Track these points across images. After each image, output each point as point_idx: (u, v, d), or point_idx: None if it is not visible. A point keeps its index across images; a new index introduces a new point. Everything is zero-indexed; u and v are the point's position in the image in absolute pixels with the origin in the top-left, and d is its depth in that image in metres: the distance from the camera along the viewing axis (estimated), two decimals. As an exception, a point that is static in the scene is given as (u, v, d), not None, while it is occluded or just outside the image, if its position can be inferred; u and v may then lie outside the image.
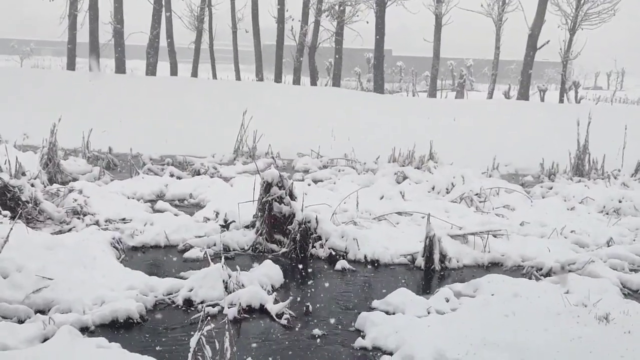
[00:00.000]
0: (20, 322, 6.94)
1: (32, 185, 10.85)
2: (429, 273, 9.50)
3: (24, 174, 11.17)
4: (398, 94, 40.34)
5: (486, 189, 13.91)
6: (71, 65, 32.81)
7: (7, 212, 9.81)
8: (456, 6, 34.63)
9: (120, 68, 32.33)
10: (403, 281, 9.07)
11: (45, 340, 6.44)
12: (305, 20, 33.92)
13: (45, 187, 12.03)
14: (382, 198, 13.50)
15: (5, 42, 72.62)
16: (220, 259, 8.25)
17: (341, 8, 33.73)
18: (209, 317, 7.31)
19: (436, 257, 9.61)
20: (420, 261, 9.66)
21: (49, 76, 28.11)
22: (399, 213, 12.00)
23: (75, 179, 13.83)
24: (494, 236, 10.61)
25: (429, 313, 7.68)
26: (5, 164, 11.14)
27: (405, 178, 15.19)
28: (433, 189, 14.47)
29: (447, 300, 8.06)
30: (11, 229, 6.39)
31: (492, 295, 8.14)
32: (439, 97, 37.53)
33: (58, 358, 5.90)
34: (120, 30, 32.01)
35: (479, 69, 57.96)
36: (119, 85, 26.16)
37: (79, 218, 10.81)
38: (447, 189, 14.35)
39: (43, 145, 13.92)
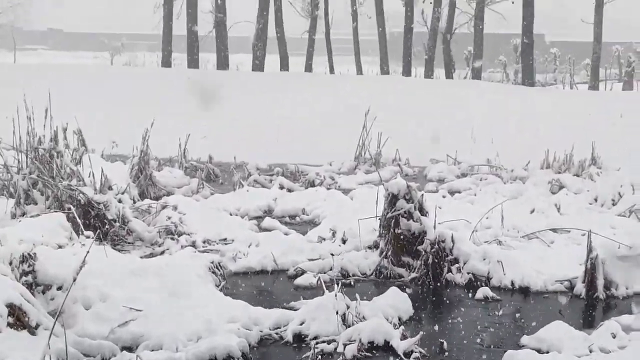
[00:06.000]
0: (105, 361, 7.03)
1: (120, 201, 11.05)
2: (590, 303, 9.22)
3: (110, 188, 11.39)
4: (552, 87, 39.70)
5: (662, 200, 13.47)
6: (167, 62, 33.52)
7: (90, 233, 9.98)
8: (621, -21, 33.90)
9: (223, 63, 32.83)
10: (559, 312, 8.83)
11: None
12: (438, 2, 33.76)
13: (134, 202, 12.23)
14: (533, 212, 13.22)
15: (94, 36, 74.97)
16: (337, 286, 8.18)
17: (481, -14, 33.47)
18: (323, 355, 7.24)
19: (600, 283, 9.31)
20: (580, 288, 9.38)
21: (141, 74, 28.83)
22: (554, 230, 11.73)
23: (170, 193, 14.02)
24: (672, 257, 10.21)
25: (591, 352, 7.44)
26: (89, 176, 11.37)
27: (561, 187, 14.86)
28: (596, 200, 14.09)
29: (614, 336, 7.77)
30: (88, 251, 6.42)
31: (671, 330, 7.84)
32: (602, 90, 36.72)
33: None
34: (222, 20, 32.51)
35: (651, 54, 56.53)
36: (221, 84, 26.52)
37: (172, 239, 10.93)
38: (613, 201, 13.93)
39: (133, 154, 14.17)
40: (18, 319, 7.09)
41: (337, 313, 7.83)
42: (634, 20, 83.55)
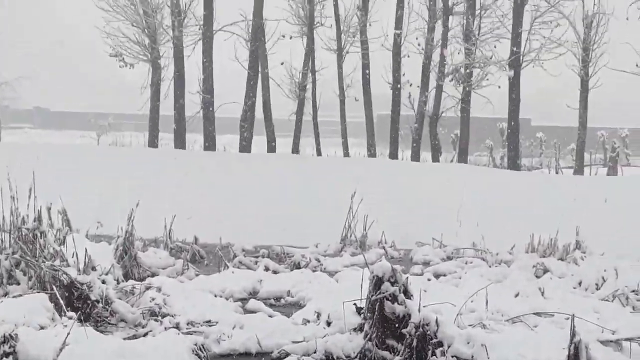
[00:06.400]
0: None
1: (104, 282, 11.04)
2: (575, 388, 9.20)
3: (94, 268, 11.39)
4: (538, 171, 39.93)
5: (645, 285, 13.53)
6: (153, 142, 33.62)
7: (73, 314, 9.96)
8: (605, 66, 34.21)
9: (210, 144, 32.92)
10: (543, 398, 8.81)
11: None
12: (425, 85, 34.10)
13: (118, 283, 12.22)
14: (517, 296, 13.25)
15: (81, 116, 75.20)
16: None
17: (468, 71, 33.79)
18: None
19: (584, 367, 9.32)
20: (564, 373, 9.38)
21: (128, 154, 28.88)
22: (538, 314, 11.75)
23: (154, 274, 14.02)
24: (656, 343, 10.25)
25: None
26: (73, 257, 11.38)
27: (545, 271, 14.91)
28: (580, 284, 14.15)
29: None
30: (68, 333, 6.45)
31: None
32: (587, 174, 36.95)
33: None
34: (209, 100, 32.67)
35: (636, 139, 56.95)
36: (208, 164, 26.64)
37: (156, 320, 10.91)
38: (596, 285, 14.00)
39: (118, 234, 14.18)
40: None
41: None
42: (619, 106, 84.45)
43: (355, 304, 10.68)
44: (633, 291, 13.25)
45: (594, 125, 43.03)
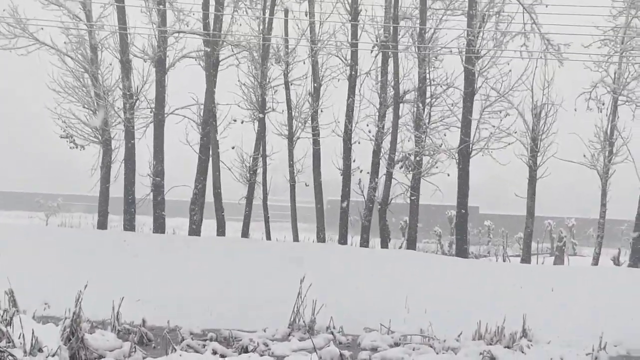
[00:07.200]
0: None
1: (50, 364, 10.97)
2: None
3: (41, 350, 11.32)
4: (485, 259, 40.16)
5: (591, 374, 13.65)
6: (102, 224, 33.48)
7: (19, 395, 9.90)
8: (553, 156, 34.67)
9: (160, 227, 32.86)
10: None
11: None
12: (375, 172, 34.34)
13: (65, 365, 12.13)
14: (464, 383, 13.33)
15: (29, 196, 74.57)
16: None
17: (417, 159, 34.11)
18: None
19: None
20: None
21: (76, 236, 28.72)
22: (485, 402, 11.82)
23: (101, 357, 13.96)
24: None
25: None
26: (19, 338, 11.30)
27: (492, 359, 15.01)
28: (526, 372, 14.26)
29: None
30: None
31: None
32: (534, 263, 37.24)
33: None
34: (160, 183, 32.72)
35: (582, 230, 57.58)
36: (157, 247, 26.59)
37: (104, 403, 10.85)
38: (543, 373, 14.12)
39: (66, 316, 14.10)
40: None
41: None
42: (566, 196, 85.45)
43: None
44: (578, 379, 13.37)
45: (541, 214, 43.48)
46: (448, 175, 34.76)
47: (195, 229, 33.08)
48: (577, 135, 34.62)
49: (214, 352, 15.15)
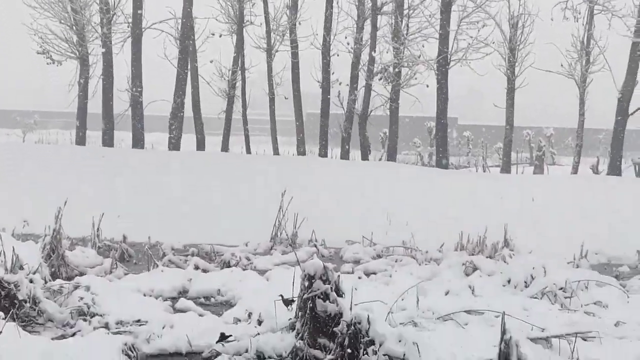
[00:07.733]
0: None
1: (31, 281, 10.83)
2: (505, 385, 9.24)
3: (21, 267, 11.17)
4: (465, 170, 40.22)
5: (573, 283, 13.63)
6: (81, 140, 33.24)
7: (1, 313, 9.77)
8: (531, 66, 34.55)
9: (139, 142, 32.63)
10: (474, 395, 8.84)
11: None
12: (354, 84, 34.14)
13: (46, 283, 12.00)
14: (447, 294, 13.31)
15: (6, 114, 74.04)
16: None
17: (396, 70, 33.90)
18: None
19: (514, 365, 9.36)
20: (494, 370, 9.42)
21: (54, 152, 28.44)
22: (468, 312, 11.78)
23: (82, 273, 13.83)
24: (584, 339, 10.34)
25: None
26: (0, 255, 11.17)
27: (475, 269, 14.97)
28: (509, 282, 14.22)
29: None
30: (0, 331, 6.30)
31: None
32: (514, 173, 37.31)
33: None
34: (138, 98, 32.40)
35: (561, 139, 57.70)
36: (136, 163, 26.37)
37: (85, 320, 10.75)
38: (525, 283, 14.08)
39: (46, 233, 13.97)
40: None
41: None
42: (545, 105, 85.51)
43: (281, 295, 10.61)
44: (561, 289, 13.36)
45: (520, 124, 43.59)
46: (427, 86, 34.61)
47: (174, 144, 32.89)
48: (554, 45, 34.48)
49: (196, 267, 15.07)
